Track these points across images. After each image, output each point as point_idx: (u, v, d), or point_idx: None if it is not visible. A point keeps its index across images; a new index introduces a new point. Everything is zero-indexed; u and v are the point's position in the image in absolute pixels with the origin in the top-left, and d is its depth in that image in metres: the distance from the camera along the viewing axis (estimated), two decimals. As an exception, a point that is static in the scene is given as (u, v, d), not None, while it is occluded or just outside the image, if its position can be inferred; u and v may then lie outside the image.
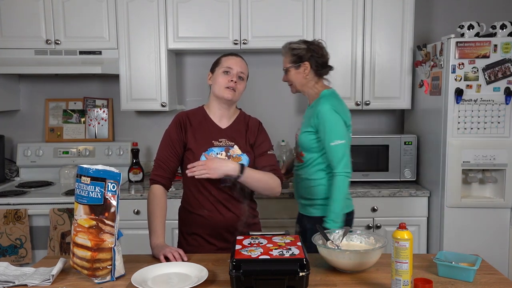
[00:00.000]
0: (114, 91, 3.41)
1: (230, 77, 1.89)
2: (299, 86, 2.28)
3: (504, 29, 2.62)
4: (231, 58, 1.94)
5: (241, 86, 1.93)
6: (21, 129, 3.46)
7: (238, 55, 1.98)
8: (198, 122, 1.93)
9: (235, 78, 1.89)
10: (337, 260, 1.57)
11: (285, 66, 2.27)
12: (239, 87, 1.91)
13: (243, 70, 1.94)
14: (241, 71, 1.92)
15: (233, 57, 1.95)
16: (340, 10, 3.03)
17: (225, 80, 1.89)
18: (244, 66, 1.95)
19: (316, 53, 2.20)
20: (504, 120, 2.63)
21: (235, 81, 1.89)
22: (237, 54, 1.99)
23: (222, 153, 1.87)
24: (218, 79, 1.90)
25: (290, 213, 2.89)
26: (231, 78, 1.89)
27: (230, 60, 1.93)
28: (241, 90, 1.94)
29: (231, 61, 1.93)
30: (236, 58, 1.95)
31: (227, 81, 1.88)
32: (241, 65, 1.93)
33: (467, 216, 2.71)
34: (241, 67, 1.93)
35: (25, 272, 1.61)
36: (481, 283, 1.51)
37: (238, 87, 1.91)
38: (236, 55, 1.97)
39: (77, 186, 1.54)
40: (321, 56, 2.22)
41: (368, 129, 3.47)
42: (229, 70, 1.90)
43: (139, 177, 3.19)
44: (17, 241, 2.78)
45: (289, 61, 2.24)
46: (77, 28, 3.03)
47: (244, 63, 1.97)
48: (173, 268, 1.61)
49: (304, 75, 2.23)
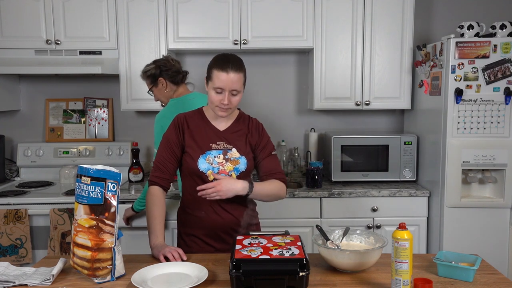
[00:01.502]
0: (114, 91, 3.41)
1: (222, 98, 1.80)
2: (166, 100, 2.52)
3: (504, 29, 2.62)
4: (222, 75, 1.77)
5: (235, 100, 1.82)
6: (21, 129, 3.46)
7: (233, 67, 1.79)
8: (196, 124, 1.92)
9: (226, 100, 1.79)
10: (337, 260, 1.57)
11: (148, 88, 2.54)
12: (233, 101, 1.82)
13: (236, 86, 1.79)
14: (233, 89, 1.79)
15: (224, 74, 1.77)
16: (340, 10, 3.03)
17: (217, 100, 1.81)
18: (236, 81, 1.79)
19: (165, 66, 2.46)
20: (504, 120, 2.64)
21: (228, 102, 1.80)
22: (229, 64, 1.79)
23: (220, 156, 1.86)
24: (211, 95, 1.82)
25: (290, 213, 2.90)
26: (223, 100, 1.79)
27: (221, 77, 1.77)
28: (235, 104, 1.84)
29: (222, 78, 1.77)
30: (227, 76, 1.77)
31: (219, 101, 1.81)
32: (232, 82, 1.78)
33: (467, 216, 2.71)
34: (233, 84, 1.78)
35: (25, 272, 1.61)
36: (481, 283, 1.51)
37: (232, 102, 1.82)
38: (231, 68, 1.78)
39: (77, 186, 1.54)
40: (170, 67, 2.47)
41: (368, 129, 3.47)
42: (220, 90, 1.79)
43: (139, 177, 3.20)
44: (17, 241, 2.78)
45: (148, 83, 2.51)
46: (77, 28, 3.03)
47: (236, 77, 1.78)
48: (173, 268, 1.61)
49: (164, 89, 2.49)
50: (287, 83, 3.46)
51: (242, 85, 1.84)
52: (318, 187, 2.98)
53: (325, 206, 2.91)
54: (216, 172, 1.85)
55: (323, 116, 3.48)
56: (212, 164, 1.85)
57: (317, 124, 3.46)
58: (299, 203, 2.90)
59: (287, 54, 3.42)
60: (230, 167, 1.86)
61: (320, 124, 3.47)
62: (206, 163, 1.85)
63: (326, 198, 2.90)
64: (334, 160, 3.07)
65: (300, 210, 2.90)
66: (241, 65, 1.84)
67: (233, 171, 1.86)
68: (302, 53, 3.42)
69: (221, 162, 1.86)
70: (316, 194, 2.89)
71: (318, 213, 2.91)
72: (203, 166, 1.85)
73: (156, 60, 2.53)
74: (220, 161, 1.86)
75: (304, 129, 3.50)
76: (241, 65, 1.84)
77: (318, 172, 2.98)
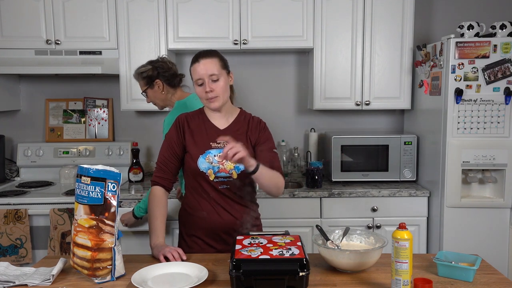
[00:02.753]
0: (114, 91, 3.41)
1: (204, 88, 1.81)
2: (161, 102, 2.49)
3: (504, 29, 2.62)
4: (196, 66, 1.82)
5: (218, 86, 1.81)
6: (21, 129, 3.46)
7: (203, 55, 1.83)
8: (197, 124, 1.92)
9: (208, 87, 1.80)
10: (337, 260, 1.57)
11: (142, 89, 2.48)
12: (217, 89, 1.81)
13: (212, 70, 1.80)
14: (210, 74, 1.80)
15: (197, 63, 1.82)
16: (340, 10, 3.03)
17: (202, 92, 1.83)
18: (210, 66, 1.81)
19: (162, 69, 2.42)
20: (504, 120, 2.64)
21: (210, 89, 1.81)
22: (199, 55, 1.84)
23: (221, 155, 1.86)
24: (197, 92, 1.85)
25: (290, 213, 2.90)
26: (205, 89, 1.81)
27: (196, 68, 1.82)
28: (221, 90, 1.82)
29: (196, 69, 1.82)
30: (199, 63, 1.81)
31: (203, 92, 1.82)
32: (207, 67, 1.80)
33: (467, 216, 2.71)
34: (209, 68, 1.80)
35: (25, 272, 1.61)
36: (481, 283, 1.51)
37: (216, 90, 1.81)
38: (201, 56, 1.83)
39: (77, 186, 1.54)
40: (167, 69, 2.43)
41: (368, 129, 3.47)
42: (199, 81, 1.82)
43: (139, 177, 3.20)
44: (17, 241, 2.78)
45: (143, 84, 2.45)
46: (77, 28, 3.03)
47: (209, 61, 1.81)
48: (173, 268, 1.61)
49: (160, 91, 2.44)
50: (287, 83, 3.46)
51: (220, 69, 1.83)
52: (318, 187, 2.98)
53: (325, 206, 2.91)
54: (216, 170, 1.84)
55: (323, 116, 3.48)
56: (212, 163, 1.85)
57: (317, 124, 3.46)
58: (299, 203, 2.90)
59: (287, 54, 3.42)
60: (231, 166, 1.85)
61: (320, 124, 3.47)
62: (206, 162, 1.85)
63: (326, 198, 2.90)
64: (334, 160, 3.07)
65: (300, 210, 2.90)
66: (213, 52, 1.87)
67: (233, 170, 1.86)
68: (302, 53, 3.42)
69: (221, 161, 1.85)
70: (316, 194, 2.89)
71: (318, 213, 2.91)
72: (203, 166, 1.85)
73: (152, 61, 2.47)
74: (221, 160, 1.86)
75: (304, 129, 3.50)
76: (213, 52, 1.87)
77: (318, 172, 2.98)
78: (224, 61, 1.89)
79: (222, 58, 1.88)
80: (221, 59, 1.87)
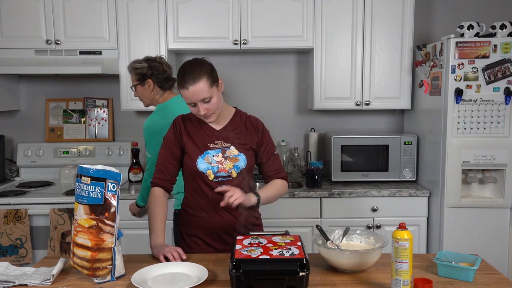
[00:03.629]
0: (114, 91, 3.41)
1: (197, 109, 1.79)
2: (148, 101, 2.46)
3: (504, 29, 2.62)
4: (184, 93, 1.76)
5: (211, 105, 1.78)
6: (21, 129, 3.46)
7: (190, 81, 1.73)
8: (194, 125, 1.93)
9: (202, 111, 1.78)
10: (337, 260, 1.57)
11: (132, 83, 2.44)
12: (210, 107, 1.79)
13: (202, 95, 1.74)
14: (202, 98, 1.75)
15: (185, 91, 1.75)
16: (340, 10, 3.03)
17: (196, 112, 1.82)
18: (199, 92, 1.73)
19: (157, 70, 2.38)
20: (504, 120, 2.64)
21: (205, 111, 1.79)
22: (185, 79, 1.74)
23: (219, 154, 1.87)
24: (191, 110, 1.84)
25: (290, 213, 2.90)
26: (199, 112, 1.80)
27: (185, 94, 1.76)
28: (214, 108, 1.80)
29: (186, 96, 1.76)
30: (188, 92, 1.74)
31: (198, 113, 1.82)
32: (196, 95, 1.74)
33: (467, 216, 2.71)
34: (198, 95, 1.74)
35: (25, 272, 1.61)
36: (481, 283, 1.51)
37: (209, 108, 1.79)
38: (188, 83, 1.73)
39: (77, 186, 1.54)
40: (162, 72, 2.39)
41: (368, 129, 3.47)
42: (193, 104, 1.79)
43: (139, 177, 3.20)
44: (17, 241, 2.78)
45: (135, 79, 2.40)
46: (77, 28, 3.03)
47: (197, 88, 1.73)
48: (173, 268, 1.61)
49: (149, 91, 2.40)
50: (287, 83, 3.46)
51: (210, 88, 1.76)
52: (318, 187, 2.98)
53: (325, 206, 2.91)
54: (215, 170, 1.85)
55: (323, 116, 3.48)
56: (211, 163, 1.85)
57: (317, 124, 3.46)
58: (299, 203, 2.90)
59: (287, 54, 3.42)
60: (230, 165, 1.86)
61: (320, 124, 3.47)
62: (205, 162, 1.85)
63: (326, 198, 2.90)
64: (334, 160, 3.07)
65: (300, 210, 2.90)
66: (199, 72, 1.75)
67: (233, 169, 1.86)
68: (302, 53, 3.42)
69: (220, 160, 1.86)
70: (316, 194, 2.89)
71: (318, 213, 2.91)
72: (202, 166, 1.85)
73: (149, 58, 2.40)
74: (219, 160, 1.86)
75: (304, 129, 3.50)
76: (199, 72, 1.75)
77: (318, 172, 2.98)
78: (212, 76, 1.78)
79: (210, 74, 1.77)
80: (209, 77, 1.76)
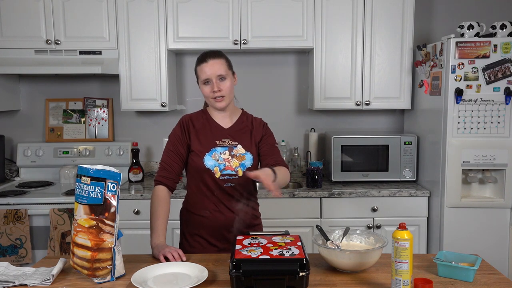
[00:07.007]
0: (114, 91, 3.41)
1: (211, 87, 1.84)
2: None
3: (504, 29, 2.62)
4: (203, 66, 1.85)
5: (225, 85, 1.85)
6: (21, 129, 3.46)
7: (210, 55, 1.86)
8: (201, 124, 1.94)
9: (215, 87, 1.83)
10: (337, 260, 1.57)
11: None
12: (224, 88, 1.85)
13: (221, 70, 1.84)
14: (219, 74, 1.84)
15: (205, 63, 1.84)
16: (340, 10, 3.03)
17: (208, 91, 1.85)
18: (218, 66, 1.84)
19: None
20: (504, 120, 2.63)
21: (218, 89, 1.84)
22: (206, 55, 1.87)
23: (226, 152, 1.88)
24: (203, 91, 1.88)
25: (290, 213, 2.90)
26: (213, 88, 1.84)
27: (204, 68, 1.84)
28: (227, 90, 1.86)
29: (204, 69, 1.84)
30: (207, 63, 1.84)
31: (211, 92, 1.85)
32: (216, 67, 1.84)
33: (467, 216, 2.71)
34: (218, 69, 1.84)
35: (25, 272, 1.61)
36: (481, 283, 1.51)
37: (223, 89, 1.84)
38: (208, 57, 1.85)
39: (77, 186, 1.54)
40: None
41: (368, 129, 3.47)
42: (207, 80, 1.85)
43: (139, 177, 3.19)
44: (17, 241, 2.78)
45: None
46: (77, 28, 3.03)
47: (217, 62, 1.85)
48: (173, 268, 1.61)
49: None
50: (287, 83, 3.46)
51: (227, 69, 1.88)
52: (318, 187, 2.98)
53: (325, 206, 2.91)
54: (222, 168, 1.86)
55: (323, 116, 3.48)
56: (218, 160, 1.87)
57: (317, 124, 3.46)
58: (299, 203, 2.90)
59: (287, 54, 3.42)
60: (236, 163, 1.88)
61: (320, 124, 3.47)
62: (212, 160, 1.86)
63: (326, 198, 2.90)
64: (334, 160, 3.07)
65: (300, 210, 2.90)
66: (220, 53, 1.91)
67: (239, 167, 1.88)
68: (302, 53, 3.42)
69: (227, 158, 1.87)
70: (316, 194, 2.89)
71: (318, 213, 2.91)
72: (209, 163, 1.86)
73: None
74: (226, 158, 1.87)
75: (304, 129, 3.50)
76: (220, 53, 1.91)
77: (318, 172, 2.98)
78: (230, 62, 1.93)
79: (228, 59, 1.92)
80: (227, 60, 1.91)
